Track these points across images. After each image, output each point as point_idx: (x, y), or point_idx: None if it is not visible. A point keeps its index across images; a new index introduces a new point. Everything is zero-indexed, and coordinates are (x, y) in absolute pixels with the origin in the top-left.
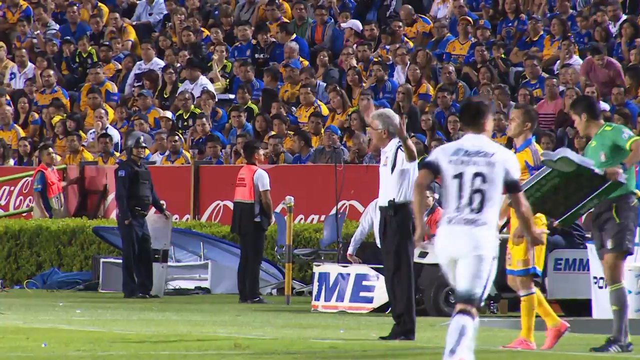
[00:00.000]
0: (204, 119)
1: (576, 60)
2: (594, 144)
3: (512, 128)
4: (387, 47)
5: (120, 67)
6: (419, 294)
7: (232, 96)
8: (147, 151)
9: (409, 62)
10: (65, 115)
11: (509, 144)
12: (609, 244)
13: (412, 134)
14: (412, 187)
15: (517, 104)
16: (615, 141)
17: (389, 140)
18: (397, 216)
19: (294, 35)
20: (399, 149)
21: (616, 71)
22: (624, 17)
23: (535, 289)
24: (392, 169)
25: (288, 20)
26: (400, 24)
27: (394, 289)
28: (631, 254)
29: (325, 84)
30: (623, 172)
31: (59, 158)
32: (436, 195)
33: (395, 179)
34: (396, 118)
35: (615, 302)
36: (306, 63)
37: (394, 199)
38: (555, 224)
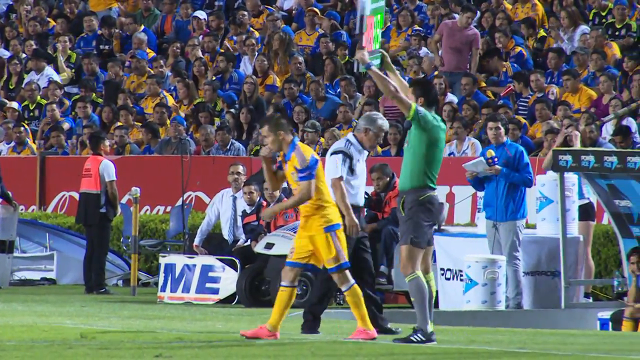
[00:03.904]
0: (54, 105)
1: (424, 51)
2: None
3: (270, 147)
4: (235, 37)
5: None
6: (265, 285)
7: (75, 89)
8: None
9: (257, 53)
10: None
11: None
12: (400, 237)
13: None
14: None
15: (263, 119)
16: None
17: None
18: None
19: (143, 27)
20: None
21: (475, 37)
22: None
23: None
24: None
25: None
26: (246, 13)
27: None
28: (420, 247)
29: (173, 75)
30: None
31: None
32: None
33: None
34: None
35: (411, 293)
36: (152, 54)
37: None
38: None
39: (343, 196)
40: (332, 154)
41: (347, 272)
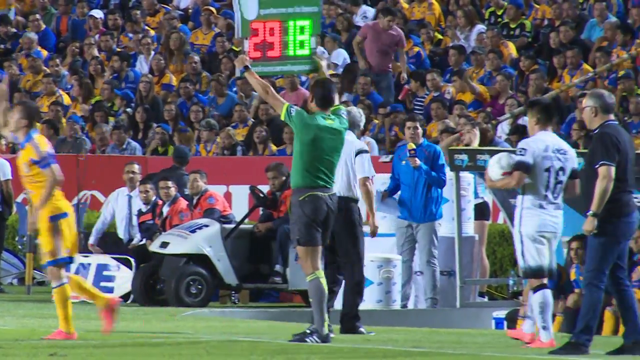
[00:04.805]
0: None
1: (320, 50)
2: None
3: (11, 124)
4: (131, 36)
5: None
6: (160, 284)
7: None
8: None
9: (153, 52)
10: None
11: (249, 134)
12: (292, 238)
13: (156, 125)
14: None
15: (19, 100)
16: None
17: None
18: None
19: (44, 27)
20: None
21: (400, 39)
22: (365, 7)
23: (67, 278)
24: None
25: None
26: (139, 12)
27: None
28: (311, 245)
29: (70, 74)
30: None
31: None
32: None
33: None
34: None
35: (310, 294)
36: (45, 53)
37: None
38: None
39: (371, 197)
40: (357, 154)
41: (61, 269)
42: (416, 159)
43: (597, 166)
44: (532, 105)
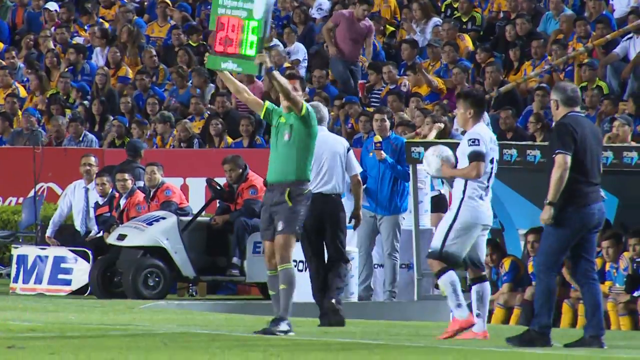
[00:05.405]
0: None
1: (275, 42)
2: (284, 120)
3: None
4: (87, 27)
5: None
6: (117, 277)
7: None
8: None
9: (108, 46)
10: None
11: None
12: (280, 226)
13: (113, 117)
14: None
15: None
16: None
17: None
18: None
19: None
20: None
21: (370, 30)
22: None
23: None
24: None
25: None
26: (90, 5)
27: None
28: (298, 239)
29: (25, 66)
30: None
31: None
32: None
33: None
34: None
35: (284, 281)
36: (1, 46)
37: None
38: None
39: (360, 191)
40: (348, 150)
41: None
42: (382, 151)
43: (553, 155)
44: (466, 97)
